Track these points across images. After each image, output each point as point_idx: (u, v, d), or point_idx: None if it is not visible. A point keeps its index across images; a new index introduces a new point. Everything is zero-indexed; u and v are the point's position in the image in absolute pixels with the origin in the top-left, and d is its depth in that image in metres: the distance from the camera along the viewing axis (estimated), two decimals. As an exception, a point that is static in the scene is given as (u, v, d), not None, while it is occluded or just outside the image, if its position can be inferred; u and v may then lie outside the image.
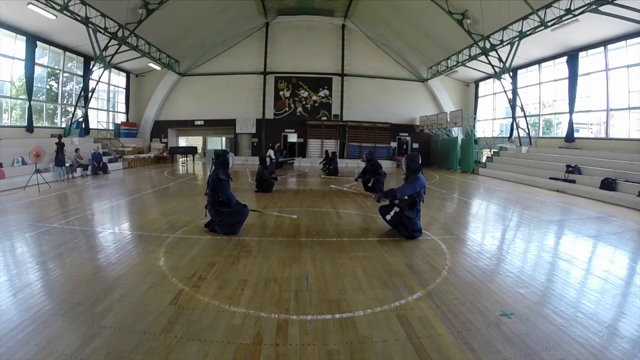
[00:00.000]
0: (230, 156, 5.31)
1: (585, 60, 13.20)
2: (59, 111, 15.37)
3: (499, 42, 14.06)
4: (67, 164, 11.85)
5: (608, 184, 9.52)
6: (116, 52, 14.63)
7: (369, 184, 9.22)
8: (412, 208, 5.13)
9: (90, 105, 15.85)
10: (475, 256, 4.50)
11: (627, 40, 11.47)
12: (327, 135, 20.79)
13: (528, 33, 12.62)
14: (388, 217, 5.34)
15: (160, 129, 21.12)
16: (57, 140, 11.40)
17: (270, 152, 15.30)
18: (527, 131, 15.43)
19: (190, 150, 16.96)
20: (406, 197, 5.16)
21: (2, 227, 5.45)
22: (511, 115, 15.92)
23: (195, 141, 23.02)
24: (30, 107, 12.94)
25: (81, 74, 15.91)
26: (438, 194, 9.79)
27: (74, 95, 15.64)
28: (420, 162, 5.24)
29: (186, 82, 21.07)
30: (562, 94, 14.29)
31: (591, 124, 14.09)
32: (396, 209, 5.24)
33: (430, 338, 2.54)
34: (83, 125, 15.28)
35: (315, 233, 5.40)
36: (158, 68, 19.14)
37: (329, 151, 15.22)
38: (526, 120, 15.51)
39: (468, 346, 2.44)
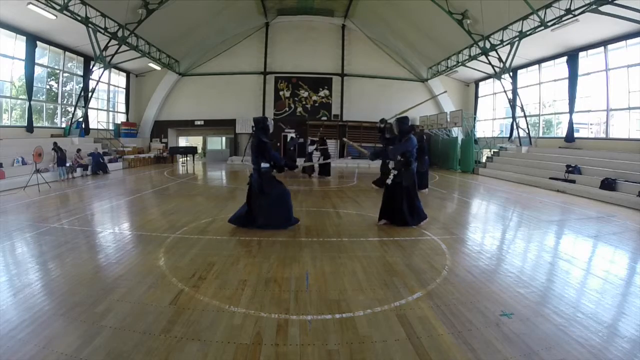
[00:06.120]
0: (270, 122, 5.46)
1: (585, 60, 13.17)
2: (59, 111, 15.36)
3: (499, 42, 14.05)
4: (67, 164, 11.85)
5: (608, 184, 9.50)
6: (116, 52, 14.61)
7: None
8: (407, 168, 5.51)
9: (90, 105, 15.82)
10: (475, 256, 4.50)
11: (627, 40, 11.44)
12: (327, 136, 20.74)
13: (528, 33, 12.60)
14: (388, 181, 5.65)
15: (160, 129, 21.08)
16: (54, 147, 11.32)
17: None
18: (527, 131, 15.41)
19: (190, 150, 16.93)
20: (399, 157, 5.53)
21: (2, 227, 5.45)
22: (511, 115, 15.90)
23: (195, 141, 23.01)
24: (30, 107, 12.93)
25: (81, 74, 15.89)
26: (438, 194, 9.78)
27: (74, 95, 15.63)
28: (409, 123, 5.65)
29: (186, 82, 21.04)
30: (562, 94, 14.26)
31: (591, 124, 14.06)
32: (394, 172, 5.62)
33: (430, 338, 2.54)
34: (83, 125, 15.25)
35: (315, 233, 5.39)
36: (158, 68, 19.12)
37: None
38: (526, 120, 15.49)
39: (468, 346, 2.44)
